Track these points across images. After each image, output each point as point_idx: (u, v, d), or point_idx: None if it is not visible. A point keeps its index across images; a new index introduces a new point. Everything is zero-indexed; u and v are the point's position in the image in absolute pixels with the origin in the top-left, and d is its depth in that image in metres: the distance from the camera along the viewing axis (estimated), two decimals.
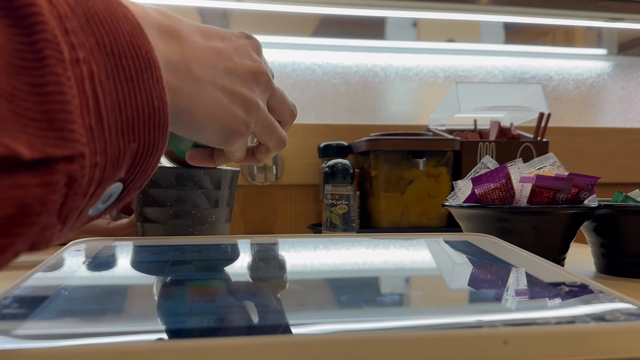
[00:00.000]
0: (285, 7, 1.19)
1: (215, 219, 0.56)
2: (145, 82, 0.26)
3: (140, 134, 0.26)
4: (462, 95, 1.06)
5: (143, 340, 0.23)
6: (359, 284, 0.34)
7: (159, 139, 0.28)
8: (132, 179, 0.28)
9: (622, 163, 1.28)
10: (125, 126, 0.25)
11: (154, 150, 0.28)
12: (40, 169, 0.21)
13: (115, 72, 0.25)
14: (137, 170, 0.28)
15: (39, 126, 0.21)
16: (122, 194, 0.28)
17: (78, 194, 0.24)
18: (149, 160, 0.28)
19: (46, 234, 0.23)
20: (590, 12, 1.26)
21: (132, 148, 0.26)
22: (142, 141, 0.26)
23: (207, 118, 0.38)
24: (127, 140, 0.25)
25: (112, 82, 0.25)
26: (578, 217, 0.54)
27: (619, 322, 0.24)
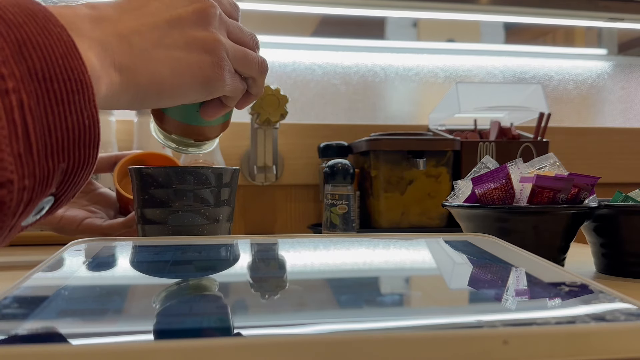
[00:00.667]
0: (285, 7, 1.19)
1: (217, 219, 0.56)
2: (76, 103, 0.27)
3: (70, 153, 0.27)
4: (462, 95, 1.06)
5: (143, 340, 0.23)
6: (359, 284, 0.34)
7: (90, 154, 0.29)
8: (63, 193, 0.29)
9: (622, 163, 1.28)
10: (55, 148, 0.26)
11: (84, 165, 0.29)
12: None
13: (46, 97, 0.26)
14: (67, 185, 0.29)
15: None
16: (54, 205, 0.30)
17: (7, 215, 0.25)
18: (79, 175, 0.29)
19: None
20: (590, 12, 1.26)
21: (62, 167, 0.27)
22: (71, 159, 0.28)
23: (174, 79, 0.38)
24: (57, 160, 0.27)
25: (43, 108, 0.26)
26: (578, 217, 0.54)
27: (619, 322, 0.24)
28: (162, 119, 0.50)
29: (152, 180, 0.55)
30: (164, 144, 0.52)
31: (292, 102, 1.03)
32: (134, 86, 0.35)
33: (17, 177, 0.25)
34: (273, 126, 1.02)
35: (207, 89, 0.41)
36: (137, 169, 0.55)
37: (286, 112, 0.99)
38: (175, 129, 0.50)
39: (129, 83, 0.35)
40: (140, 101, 0.37)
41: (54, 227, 0.65)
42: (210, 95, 0.42)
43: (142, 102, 0.37)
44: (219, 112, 0.48)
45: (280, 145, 1.11)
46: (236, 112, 0.53)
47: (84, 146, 0.28)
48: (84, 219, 0.66)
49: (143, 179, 0.55)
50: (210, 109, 0.47)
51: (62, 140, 0.27)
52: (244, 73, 0.45)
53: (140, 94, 0.36)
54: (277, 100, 0.98)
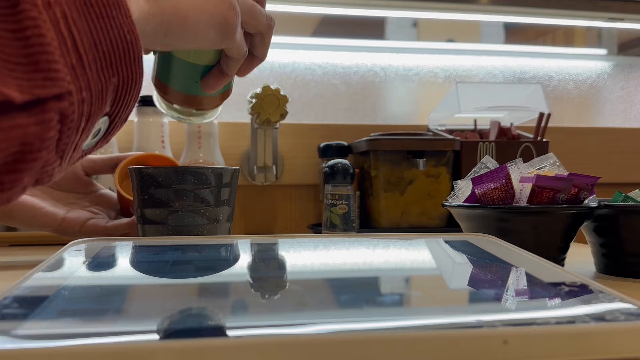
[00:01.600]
0: (285, 7, 1.19)
1: (217, 219, 0.56)
2: (115, 18, 0.27)
3: (119, 67, 0.27)
4: (462, 95, 1.06)
5: (143, 340, 0.23)
6: (359, 284, 0.34)
7: (136, 71, 0.29)
8: (117, 113, 0.29)
9: (622, 163, 1.28)
10: (104, 62, 0.27)
11: (133, 82, 0.29)
12: (34, 109, 0.23)
13: (86, 11, 0.26)
14: (120, 104, 0.29)
15: (25, 69, 0.23)
16: (109, 127, 0.30)
17: (71, 129, 0.25)
18: (130, 93, 0.29)
19: (48, 169, 0.25)
20: (590, 12, 1.26)
21: (114, 82, 0.27)
22: (121, 75, 0.28)
23: (197, 14, 0.38)
24: (108, 74, 0.27)
25: (85, 21, 0.26)
26: (578, 217, 0.54)
27: (619, 322, 0.24)
28: (165, 89, 0.51)
29: (152, 180, 0.55)
30: (167, 114, 0.53)
31: (292, 102, 1.03)
32: (160, 13, 0.35)
33: (75, 88, 0.25)
34: (273, 126, 1.02)
35: (224, 31, 0.41)
36: (137, 169, 0.55)
37: (286, 112, 0.99)
38: (177, 99, 0.51)
39: (154, 8, 0.35)
40: (164, 31, 0.37)
41: (57, 229, 0.65)
42: (224, 39, 0.42)
43: (166, 33, 0.37)
44: (220, 83, 0.48)
45: (280, 145, 1.11)
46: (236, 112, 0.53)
47: (131, 61, 0.28)
48: (87, 219, 0.65)
49: (143, 179, 0.55)
50: (211, 80, 0.48)
51: (109, 54, 0.27)
52: (252, 27, 0.46)
53: (165, 23, 0.36)
54: (277, 100, 0.98)
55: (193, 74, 0.49)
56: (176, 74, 0.49)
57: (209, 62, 0.49)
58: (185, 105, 0.52)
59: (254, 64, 0.50)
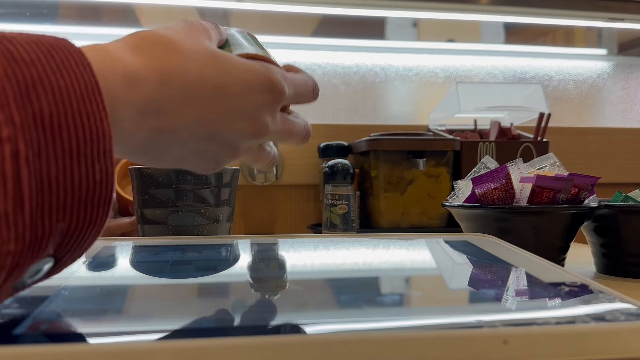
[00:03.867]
0: (285, 7, 1.19)
1: (217, 219, 0.56)
2: (87, 154, 0.24)
3: (73, 212, 0.24)
4: (462, 95, 1.06)
5: (143, 340, 0.23)
6: (359, 284, 0.34)
7: (98, 212, 0.25)
8: (65, 253, 0.26)
9: (622, 163, 1.28)
10: (55, 206, 0.23)
11: (90, 225, 0.25)
12: None
13: (51, 148, 0.23)
14: (69, 246, 0.25)
15: None
16: (55, 266, 0.26)
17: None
18: (84, 235, 0.26)
19: None
20: (590, 12, 1.26)
21: (61, 227, 0.24)
22: (74, 219, 0.24)
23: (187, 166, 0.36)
24: (54, 220, 0.23)
25: (45, 160, 0.23)
26: (578, 217, 0.54)
27: (619, 322, 0.24)
28: None
29: (152, 180, 0.55)
30: None
31: None
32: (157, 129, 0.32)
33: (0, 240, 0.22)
34: None
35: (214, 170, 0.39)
36: (137, 168, 0.55)
37: None
38: None
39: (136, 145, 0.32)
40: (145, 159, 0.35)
41: None
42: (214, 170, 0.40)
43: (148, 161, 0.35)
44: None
45: (280, 145, 1.11)
46: None
47: (92, 203, 0.25)
48: None
49: (143, 179, 0.55)
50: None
51: (65, 197, 0.24)
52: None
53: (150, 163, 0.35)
54: None
55: None
56: None
57: None
58: None
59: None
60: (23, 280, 0.25)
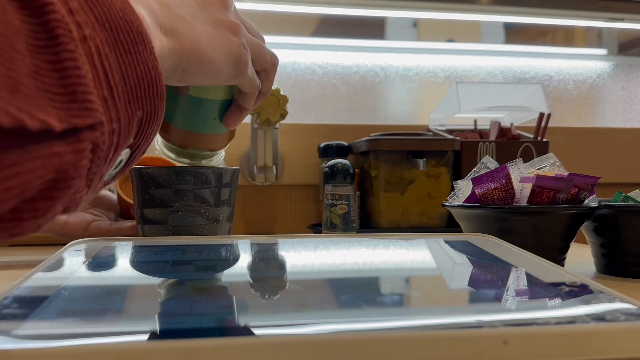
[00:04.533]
0: (285, 7, 1.19)
1: (217, 219, 0.56)
2: (140, 54, 0.28)
3: (144, 101, 0.29)
4: (462, 95, 1.06)
5: (143, 340, 0.23)
6: (359, 284, 0.34)
7: (159, 106, 0.30)
8: (138, 145, 0.31)
9: (622, 163, 1.28)
10: (131, 95, 0.28)
11: (155, 116, 0.30)
12: (70, 138, 0.24)
13: (115, 47, 0.27)
14: (142, 136, 0.30)
15: (63, 99, 0.24)
16: (129, 159, 0.31)
17: (100, 159, 0.26)
18: (152, 127, 0.30)
19: (76, 197, 0.26)
20: (590, 12, 1.26)
21: (138, 115, 0.28)
22: (145, 108, 0.29)
23: (212, 51, 0.40)
24: (134, 107, 0.28)
25: (115, 56, 0.27)
26: (578, 217, 0.54)
27: (619, 322, 0.24)
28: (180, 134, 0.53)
29: (152, 180, 0.55)
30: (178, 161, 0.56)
31: (292, 102, 1.03)
32: (179, 49, 0.37)
33: (107, 119, 0.25)
34: (273, 126, 1.02)
35: (237, 67, 0.43)
36: (137, 169, 0.55)
37: (286, 112, 0.99)
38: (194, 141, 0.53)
39: (174, 45, 0.37)
40: (183, 67, 0.38)
41: (59, 233, 0.64)
42: (238, 75, 0.44)
43: (185, 69, 0.39)
44: (240, 118, 0.51)
45: (280, 145, 1.11)
46: None
47: (154, 96, 0.29)
48: (90, 222, 0.65)
49: (143, 179, 0.55)
50: (232, 116, 0.51)
51: (136, 88, 0.28)
52: (258, 65, 0.48)
53: (185, 58, 0.38)
54: (277, 100, 0.98)
55: (213, 112, 0.51)
56: (195, 113, 0.51)
57: (226, 97, 0.51)
58: (202, 146, 0.54)
59: (259, 99, 0.52)
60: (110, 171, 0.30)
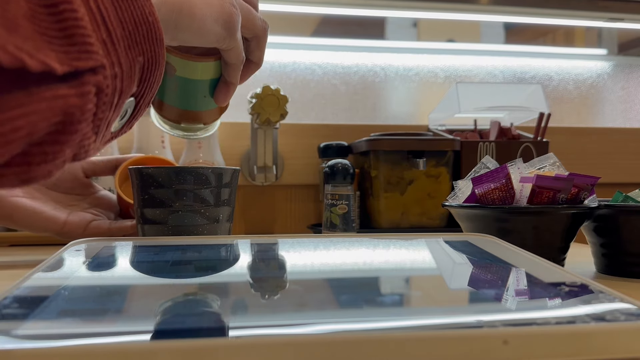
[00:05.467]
0: (285, 7, 1.19)
1: (217, 219, 0.56)
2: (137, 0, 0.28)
3: (144, 47, 0.28)
4: (462, 95, 1.06)
5: (143, 340, 0.23)
6: (359, 284, 0.34)
7: (159, 52, 0.30)
8: (142, 94, 0.30)
9: (622, 163, 1.28)
10: (130, 40, 0.27)
11: (156, 63, 0.30)
12: (73, 81, 0.24)
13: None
14: (146, 84, 0.30)
15: (61, 42, 0.23)
16: (134, 110, 0.31)
17: (106, 104, 0.26)
18: (154, 74, 0.30)
19: (85, 144, 0.26)
20: (590, 12, 1.26)
21: (140, 61, 0.28)
22: (146, 54, 0.29)
23: (204, 7, 0.40)
24: (135, 52, 0.28)
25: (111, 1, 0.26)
26: (578, 217, 0.54)
27: (619, 322, 0.24)
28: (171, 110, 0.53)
29: (152, 180, 0.55)
30: (172, 133, 0.56)
31: (292, 102, 1.03)
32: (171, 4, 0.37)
33: (108, 63, 0.25)
34: (273, 126, 1.02)
35: (227, 26, 0.43)
36: (137, 169, 0.55)
37: (286, 112, 0.99)
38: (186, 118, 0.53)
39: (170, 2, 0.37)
40: (175, 21, 0.38)
41: (59, 233, 0.64)
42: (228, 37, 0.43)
43: (176, 23, 0.39)
44: (229, 93, 0.50)
45: (280, 145, 1.11)
46: (236, 112, 0.54)
47: (153, 42, 0.29)
48: (89, 222, 0.65)
49: (143, 179, 0.55)
50: (221, 92, 0.50)
51: (134, 32, 0.28)
52: (249, 31, 0.47)
53: (176, 11, 0.38)
54: (277, 100, 0.98)
55: (202, 90, 0.51)
56: (185, 93, 0.51)
57: (214, 76, 0.51)
58: (194, 121, 0.54)
59: (252, 70, 0.51)
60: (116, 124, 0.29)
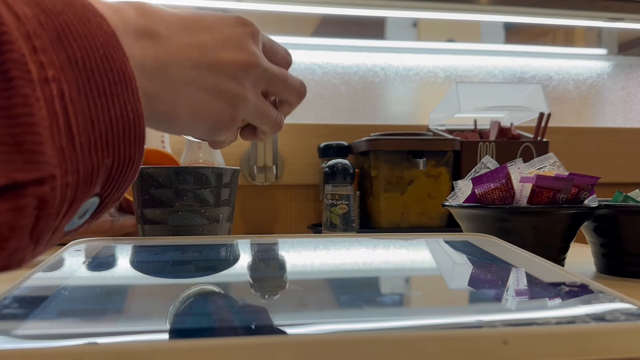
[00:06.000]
0: (285, 7, 1.19)
1: (217, 219, 0.56)
2: (119, 95, 0.26)
3: (115, 148, 0.26)
4: (462, 95, 1.06)
5: (143, 340, 0.23)
6: (359, 284, 0.34)
7: (135, 151, 0.27)
8: (108, 193, 0.28)
9: (622, 163, 1.28)
10: (99, 142, 0.25)
11: (130, 163, 0.27)
12: (8, 194, 0.21)
13: (88, 88, 0.25)
14: (113, 185, 0.27)
15: (7, 150, 0.21)
16: (99, 207, 0.28)
17: (51, 215, 0.23)
18: (125, 174, 0.27)
19: (17, 255, 0.23)
20: (590, 12, 1.26)
21: (107, 163, 0.26)
22: (116, 155, 0.26)
23: (188, 120, 0.37)
24: (101, 156, 0.25)
25: (84, 99, 0.24)
26: (578, 217, 0.54)
27: (619, 322, 0.24)
28: None
29: (152, 180, 0.55)
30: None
31: None
32: (149, 110, 0.34)
33: (60, 172, 0.23)
34: None
35: (213, 133, 0.40)
36: None
37: None
38: None
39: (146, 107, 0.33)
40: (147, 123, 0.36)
41: None
42: (211, 138, 0.41)
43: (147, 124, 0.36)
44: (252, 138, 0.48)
45: (280, 145, 1.11)
46: None
47: (129, 141, 0.27)
48: None
49: (143, 179, 0.55)
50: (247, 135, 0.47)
51: (106, 134, 0.25)
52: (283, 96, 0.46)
53: (151, 120, 0.35)
54: None
55: None
56: None
57: None
58: None
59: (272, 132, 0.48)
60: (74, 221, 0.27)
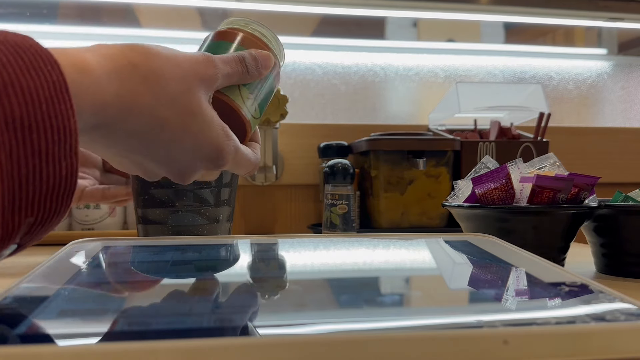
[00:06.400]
0: (285, 7, 1.19)
1: (217, 219, 0.56)
2: (55, 153, 0.25)
3: (41, 206, 0.25)
4: (462, 95, 1.06)
5: (143, 340, 0.23)
6: (359, 284, 0.34)
7: (62, 204, 0.27)
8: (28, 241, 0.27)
9: (622, 163, 1.28)
10: (24, 202, 0.24)
11: (54, 215, 0.27)
12: None
13: (21, 149, 0.24)
14: (33, 235, 0.27)
15: None
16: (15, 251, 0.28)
17: None
18: (47, 225, 0.27)
19: None
20: (590, 12, 1.26)
21: (29, 222, 0.25)
22: (40, 212, 0.26)
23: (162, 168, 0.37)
24: (24, 215, 0.25)
25: (16, 160, 0.24)
26: (578, 217, 0.54)
27: (619, 322, 0.24)
28: None
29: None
30: None
31: (292, 102, 1.03)
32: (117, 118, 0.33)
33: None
34: (273, 126, 1.02)
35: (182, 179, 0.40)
36: None
37: (286, 112, 0.99)
38: None
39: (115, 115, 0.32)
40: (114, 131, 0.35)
41: None
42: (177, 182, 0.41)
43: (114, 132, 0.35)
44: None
45: (280, 145, 1.11)
46: None
47: (57, 197, 0.26)
48: (84, 187, 0.64)
49: (143, 179, 0.55)
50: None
51: (34, 194, 0.25)
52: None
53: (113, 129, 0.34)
54: (277, 100, 0.98)
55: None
56: None
57: None
58: None
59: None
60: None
